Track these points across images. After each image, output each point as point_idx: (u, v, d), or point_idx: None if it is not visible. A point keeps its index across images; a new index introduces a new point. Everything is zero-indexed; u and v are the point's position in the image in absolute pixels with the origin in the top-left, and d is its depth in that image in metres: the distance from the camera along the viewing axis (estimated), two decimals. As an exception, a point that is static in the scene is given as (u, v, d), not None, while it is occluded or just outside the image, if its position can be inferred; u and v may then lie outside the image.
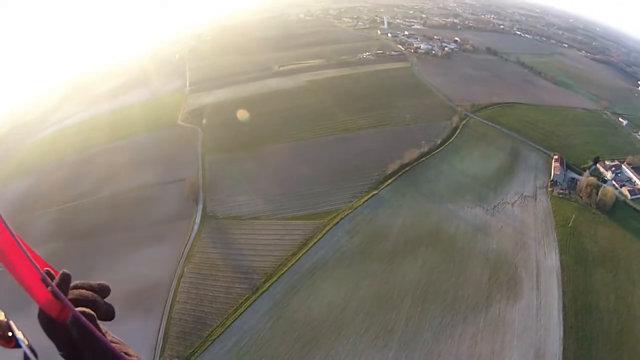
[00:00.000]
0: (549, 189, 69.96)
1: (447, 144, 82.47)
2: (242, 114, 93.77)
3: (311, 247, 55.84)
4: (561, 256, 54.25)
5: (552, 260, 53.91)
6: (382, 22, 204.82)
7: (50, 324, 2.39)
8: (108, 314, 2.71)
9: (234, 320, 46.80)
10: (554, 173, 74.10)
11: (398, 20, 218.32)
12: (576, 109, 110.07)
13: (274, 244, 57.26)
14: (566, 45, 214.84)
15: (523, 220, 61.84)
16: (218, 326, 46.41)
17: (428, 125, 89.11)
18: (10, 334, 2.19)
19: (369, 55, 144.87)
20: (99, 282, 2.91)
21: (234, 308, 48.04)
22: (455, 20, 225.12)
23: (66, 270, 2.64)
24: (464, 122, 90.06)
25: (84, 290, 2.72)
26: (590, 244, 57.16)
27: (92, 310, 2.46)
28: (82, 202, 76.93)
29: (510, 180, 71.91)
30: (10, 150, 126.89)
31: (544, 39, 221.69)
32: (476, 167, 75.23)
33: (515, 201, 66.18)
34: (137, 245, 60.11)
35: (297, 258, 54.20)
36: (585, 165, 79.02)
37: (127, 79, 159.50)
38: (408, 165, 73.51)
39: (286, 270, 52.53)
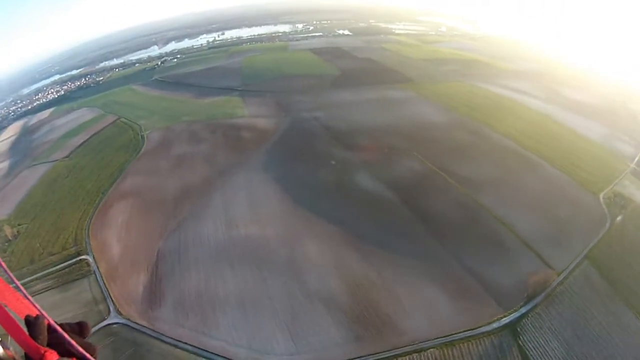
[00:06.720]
0: None
1: None
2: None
3: None
4: None
5: None
6: None
7: None
8: (87, 352, 3.07)
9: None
10: None
11: None
12: None
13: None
14: None
15: None
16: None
17: None
18: None
19: None
20: (78, 321, 3.35)
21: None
22: None
23: (40, 316, 3.04)
24: None
25: (59, 334, 3.05)
26: None
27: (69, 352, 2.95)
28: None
29: None
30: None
31: None
32: None
33: None
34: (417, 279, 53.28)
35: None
36: None
37: (588, 99, 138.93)
38: None
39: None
